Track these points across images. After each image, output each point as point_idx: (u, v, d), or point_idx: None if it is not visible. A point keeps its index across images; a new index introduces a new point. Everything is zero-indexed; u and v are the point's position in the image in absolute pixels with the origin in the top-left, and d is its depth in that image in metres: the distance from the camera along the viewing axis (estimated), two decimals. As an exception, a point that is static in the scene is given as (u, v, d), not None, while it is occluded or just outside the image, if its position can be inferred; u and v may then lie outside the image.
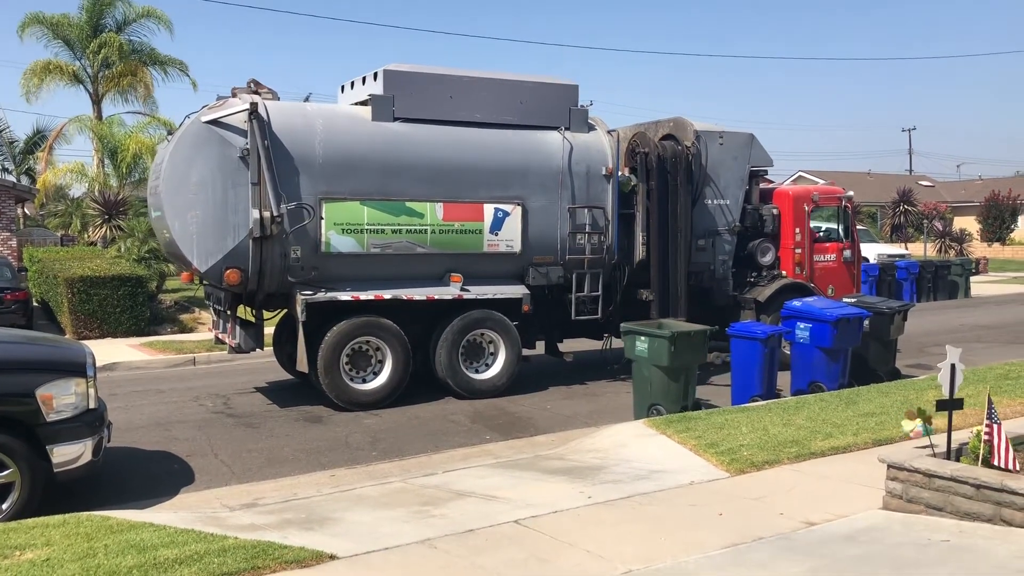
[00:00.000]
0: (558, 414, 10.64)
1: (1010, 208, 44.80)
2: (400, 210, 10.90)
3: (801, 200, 14.35)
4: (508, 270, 11.81)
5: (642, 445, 8.27)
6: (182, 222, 10.12)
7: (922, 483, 5.84)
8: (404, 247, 10.96)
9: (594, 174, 12.14)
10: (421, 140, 11.15)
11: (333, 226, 10.54)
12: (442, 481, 7.38)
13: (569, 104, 12.23)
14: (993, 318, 20.54)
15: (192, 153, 10.12)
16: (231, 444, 9.27)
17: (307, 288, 10.54)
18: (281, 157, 10.26)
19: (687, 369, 9.88)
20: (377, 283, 10.94)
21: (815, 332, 10.90)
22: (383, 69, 11.18)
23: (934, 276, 26.18)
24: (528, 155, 11.79)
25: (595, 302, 12.35)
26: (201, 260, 10.20)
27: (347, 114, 11.19)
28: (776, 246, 14.12)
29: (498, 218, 11.47)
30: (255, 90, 10.76)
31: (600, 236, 12.22)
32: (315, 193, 10.45)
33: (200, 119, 10.21)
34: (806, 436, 8.16)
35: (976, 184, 56.37)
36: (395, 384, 11.00)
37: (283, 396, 11.76)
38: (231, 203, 10.14)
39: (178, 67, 29.04)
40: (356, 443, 9.30)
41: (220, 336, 11.90)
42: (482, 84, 11.72)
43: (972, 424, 7.36)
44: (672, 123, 13.59)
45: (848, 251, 14.83)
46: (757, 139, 13.83)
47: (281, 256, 10.41)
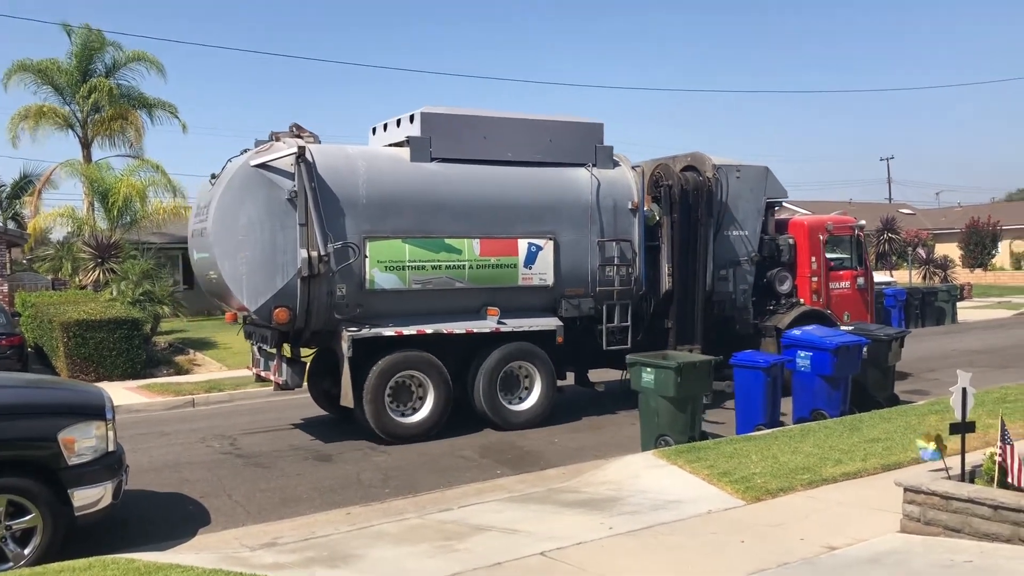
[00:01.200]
0: (566, 447, 10.71)
1: (991, 234, 45.43)
2: (439, 247, 11.26)
3: (816, 230, 14.72)
4: (541, 302, 12.16)
5: (655, 476, 8.35)
6: (232, 263, 10.39)
7: (940, 506, 5.95)
8: (444, 282, 11.30)
9: (621, 208, 12.56)
10: (457, 179, 11.58)
11: (377, 264, 10.87)
12: (459, 516, 7.42)
13: (595, 142, 12.71)
14: (982, 343, 20.80)
15: (241, 196, 10.42)
16: (243, 484, 9.28)
17: (352, 324, 10.79)
18: (327, 198, 10.61)
19: (693, 399, 9.98)
20: (418, 318, 11.24)
21: (816, 360, 11.06)
22: (420, 112, 11.61)
23: (921, 303, 26.48)
24: (558, 191, 12.22)
25: (624, 332, 12.62)
26: (251, 300, 10.47)
27: (387, 155, 11.55)
28: (793, 275, 14.48)
29: (532, 252, 11.82)
30: (297, 134, 11.08)
31: (628, 268, 12.59)
32: (359, 232, 10.79)
33: (249, 163, 10.49)
34: (816, 463, 8.27)
35: (956, 211, 57.15)
36: (438, 417, 11.24)
37: (289, 436, 11.78)
38: (279, 244, 10.44)
39: (168, 110, 29.24)
40: (368, 480, 9.33)
41: (262, 374, 12.13)
42: (513, 124, 12.21)
43: (976, 447, 7.51)
44: (690, 157, 13.95)
45: (862, 278, 15.22)
46: (772, 172, 14.29)
47: (328, 294, 10.69)
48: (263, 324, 11.07)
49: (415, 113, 11.68)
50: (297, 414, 13.38)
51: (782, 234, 14.72)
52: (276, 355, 11.37)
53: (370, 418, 10.89)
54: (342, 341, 10.72)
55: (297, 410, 13.80)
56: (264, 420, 13.01)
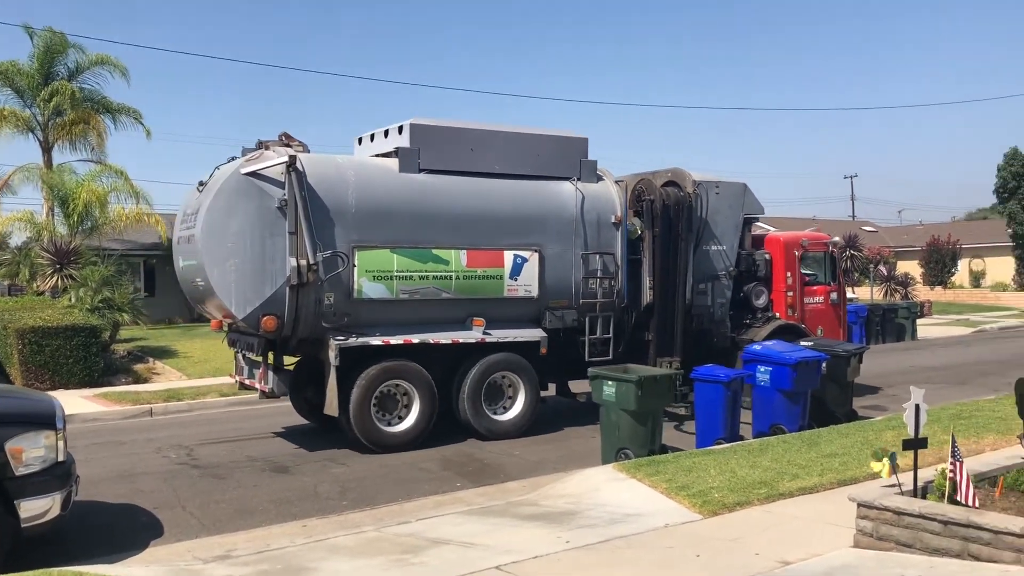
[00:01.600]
0: (526, 460, 10.68)
1: (950, 252, 46.19)
2: (427, 257, 11.32)
3: (792, 246, 14.99)
4: (526, 314, 12.26)
5: (614, 489, 8.34)
6: (221, 270, 10.36)
7: (892, 521, 6.01)
8: (431, 293, 11.37)
9: (604, 222, 12.73)
10: (445, 190, 11.65)
11: (365, 273, 10.90)
12: (417, 529, 7.37)
13: (580, 156, 12.90)
14: (941, 360, 21.10)
15: (232, 203, 10.40)
16: (198, 495, 9.13)
17: (339, 333, 10.79)
18: (317, 207, 10.64)
19: (654, 413, 10.01)
20: (405, 328, 11.29)
21: (775, 375, 11.14)
22: (409, 123, 11.68)
23: (882, 319, 26.82)
24: (544, 204, 12.35)
25: (606, 344, 12.77)
26: (239, 308, 10.43)
27: (375, 166, 11.59)
28: (769, 289, 14.71)
29: (517, 264, 11.93)
30: (287, 143, 11.09)
31: (611, 281, 12.75)
32: (348, 242, 10.83)
33: (239, 171, 10.48)
34: (773, 477, 8.31)
35: (918, 229, 58.02)
36: (423, 426, 11.26)
37: (247, 446, 11.63)
38: (269, 252, 10.44)
39: (132, 115, 28.89)
40: (325, 493, 9.23)
41: (247, 382, 12.08)
42: (501, 137, 12.33)
43: (930, 463, 7.60)
44: (671, 173, 14.10)
45: (835, 294, 15.52)
46: (749, 188, 14.53)
47: (316, 302, 10.70)
48: (249, 332, 11.05)
49: (404, 124, 11.74)
50: (257, 425, 13.25)
51: (759, 249, 14.95)
52: (262, 363, 11.33)
53: (355, 427, 10.88)
54: (329, 350, 10.72)
55: (257, 420, 13.67)
56: (223, 430, 12.84)
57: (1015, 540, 5.37)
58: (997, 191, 41.63)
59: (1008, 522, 5.48)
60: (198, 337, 24.22)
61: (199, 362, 19.77)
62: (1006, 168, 40.59)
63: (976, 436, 9.91)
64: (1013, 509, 6.05)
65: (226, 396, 15.54)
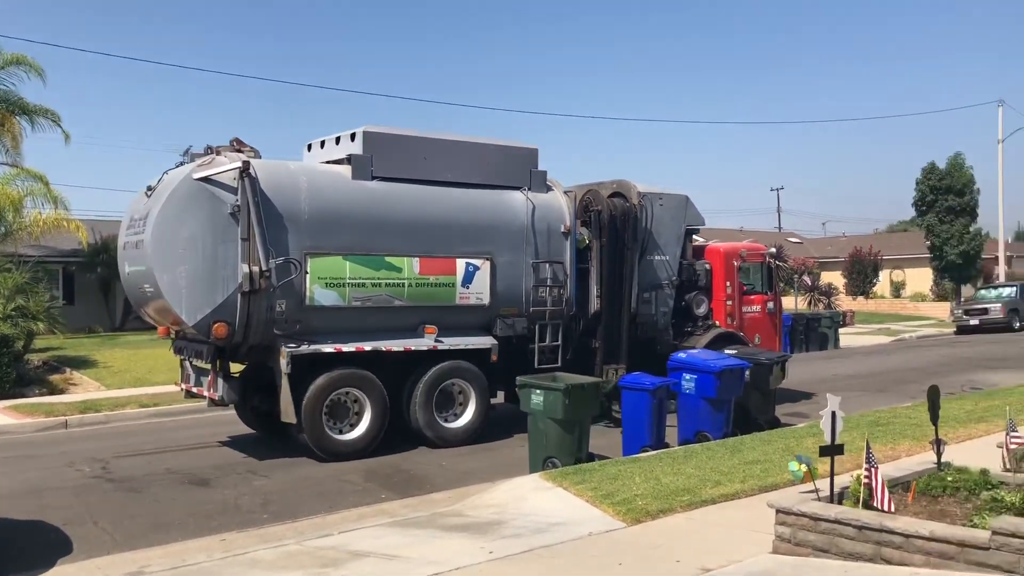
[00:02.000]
0: (454, 470, 10.59)
1: (872, 263, 47.52)
2: (380, 264, 11.29)
3: (731, 256, 15.37)
4: (477, 321, 12.32)
5: (540, 498, 8.32)
6: (171, 276, 10.21)
7: (809, 526, 6.09)
8: (383, 300, 11.32)
9: (554, 231, 12.92)
10: (398, 198, 11.66)
11: (317, 280, 10.83)
12: (339, 542, 7.22)
13: (530, 166, 13.08)
14: (862, 368, 21.65)
15: (183, 209, 10.27)
16: (111, 510, 8.82)
17: (291, 341, 10.71)
18: (270, 214, 10.54)
19: (581, 421, 10.04)
20: (357, 335, 11.24)
21: (700, 383, 11.27)
22: (362, 130, 11.65)
23: (806, 328, 27.38)
24: (496, 213, 12.48)
25: (555, 352, 12.92)
26: (190, 314, 10.27)
27: (328, 173, 11.54)
28: (709, 298, 15.02)
29: (469, 272, 11.98)
30: (238, 148, 10.96)
31: (560, 289, 12.90)
32: (301, 248, 10.75)
33: (192, 176, 10.33)
34: (697, 484, 8.38)
35: (841, 241, 59.67)
36: (374, 434, 11.21)
37: (166, 459, 11.30)
38: (220, 258, 10.31)
39: (50, 117, 27.86)
40: (246, 506, 9.01)
41: (195, 390, 11.86)
42: (453, 146, 12.44)
43: (849, 469, 7.74)
44: (616, 184, 14.34)
45: (772, 303, 15.96)
46: (691, 200, 14.87)
47: (267, 309, 10.59)
48: (198, 339, 10.88)
49: (357, 131, 11.71)
50: (178, 436, 12.91)
51: (699, 260, 15.28)
52: (211, 371, 11.12)
53: (307, 435, 10.79)
54: (281, 357, 10.60)
55: (179, 432, 13.33)
56: (141, 443, 12.46)
57: (924, 543, 5.49)
58: (916, 204, 43.01)
59: (918, 526, 5.60)
60: (119, 346, 23.55)
61: (119, 372, 19.19)
62: (924, 182, 41.97)
63: (893, 442, 10.16)
64: (924, 513, 6.18)
65: (146, 407, 15.13)
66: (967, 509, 6.25)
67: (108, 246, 29.82)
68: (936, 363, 22.42)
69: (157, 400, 15.53)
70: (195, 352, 11.35)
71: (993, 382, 17.79)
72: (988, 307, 33.05)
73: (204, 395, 11.49)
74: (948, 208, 40.97)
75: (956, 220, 40.94)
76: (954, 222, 40.92)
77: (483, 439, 12.21)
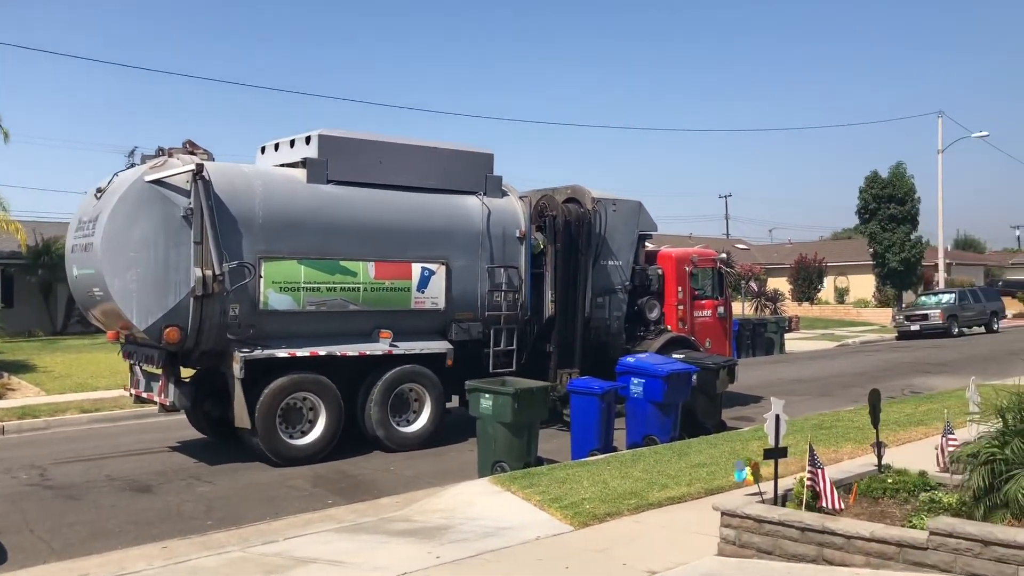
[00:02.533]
0: (401, 475, 10.53)
1: (817, 270, 48.38)
2: (335, 269, 11.22)
3: (682, 262, 15.52)
4: (433, 326, 12.31)
5: (488, 503, 8.31)
6: (121, 281, 10.03)
7: (753, 528, 6.17)
8: (338, 304, 11.27)
9: (509, 236, 12.99)
10: (353, 202, 11.60)
11: (271, 284, 10.74)
12: (284, 548, 7.13)
13: (485, 171, 13.10)
14: (806, 372, 22.03)
15: (135, 211, 10.10)
16: (49, 518, 8.60)
17: (244, 346, 10.58)
18: (223, 217, 10.40)
19: (530, 426, 10.04)
20: (311, 340, 11.16)
21: (648, 387, 11.36)
22: (317, 134, 11.56)
23: (752, 333, 27.71)
24: (451, 218, 12.47)
25: (509, 356, 13.00)
26: (141, 318, 10.10)
27: (283, 176, 11.42)
28: (661, 303, 15.15)
29: (425, 277, 11.97)
30: (191, 150, 10.81)
31: (515, 294, 12.98)
32: (255, 252, 10.63)
33: (143, 178, 10.14)
34: (644, 488, 8.44)
35: (787, 248, 60.63)
36: (329, 438, 11.13)
37: (107, 465, 11.06)
38: (172, 262, 10.18)
39: (-11, 116, 27.21)
40: (189, 512, 8.85)
41: (145, 395, 11.65)
42: (408, 151, 12.39)
43: (793, 472, 7.85)
44: (570, 190, 14.43)
45: (722, 308, 16.17)
46: (644, 206, 15.00)
47: (220, 314, 10.46)
48: (148, 344, 10.68)
49: (312, 134, 11.63)
50: (120, 442, 12.63)
51: (651, 265, 15.40)
52: (162, 376, 10.91)
53: (261, 440, 10.66)
54: (234, 363, 10.48)
55: (120, 438, 13.05)
56: (81, 449, 12.18)
57: (865, 544, 5.60)
58: (859, 212, 43.84)
59: (859, 527, 5.71)
60: (60, 351, 23.03)
61: (59, 377, 18.74)
62: (867, 191, 42.82)
63: (835, 445, 10.33)
64: (865, 515, 6.31)
65: (88, 412, 14.79)
66: (906, 510, 6.40)
67: (49, 248, 29.23)
68: (878, 368, 22.89)
69: (99, 405, 15.18)
70: (145, 357, 11.16)
71: (932, 386, 18.22)
72: (928, 313, 33.83)
73: (154, 400, 11.29)
74: (890, 216, 41.85)
75: (898, 228, 41.84)
76: (896, 230, 41.82)
77: (435, 443, 12.16)
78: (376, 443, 11.69)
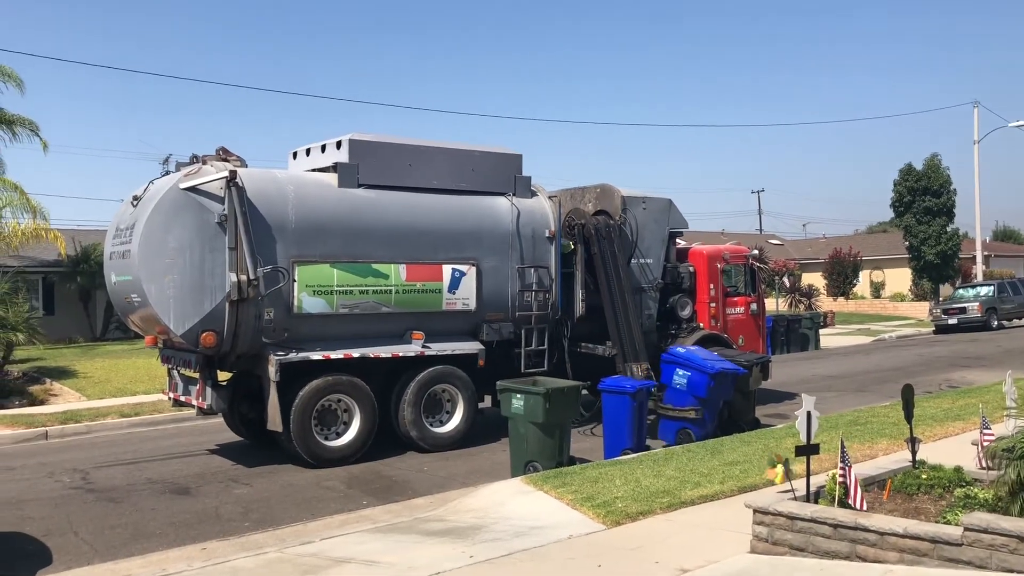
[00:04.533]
0: (435, 475, 10.61)
1: (852, 264, 47.83)
2: (367, 272, 11.35)
3: (714, 259, 15.40)
4: (464, 327, 12.41)
5: (520, 502, 8.36)
6: (159, 286, 10.21)
7: (785, 526, 6.16)
8: (370, 307, 11.39)
9: (539, 236, 13.05)
10: (385, 205, 11.74)
11: (305, 288, 10.88)
12: (320, 549, 7.23)
13: (514, 172, 13.16)
14: (841, 368, 21.83)
15: (171, 218, 10.29)
16: (92, 521, 8.78)
17: (279, 349, 10.72)
18: (257, 222, 10.59)
19: (562, 425, 10.08)
20: (344, 342, 11.26)
21: (693, 381, 11.38)
22: (348, 138, 11.71)
23: (787, 330, 27.40)
24: (481, 219, 12.57)
25: (541, 356, 13.04)
26: (178, 323, 10.29)
27: (314, 181, 11.57)
28: (693, 300, 15.07)
29: (455, 278, 12.06)
30: (224, 157, 10.99)
31: (545, 294, 13.03)
32: (288, 256, 10.81)
33: (178, 186, 10.36)
34: (676, 486, 8.45)
35: (821, 242, 60.00)
36: (363, 439, 11.26)
37: (146, 468, 11.26)
38: (208, 267, 10.35)
39: (28, 127, 27.71)
40: (227, 514, 8.99)
41: (183, 399, 11.86)
42: (438, 153, 12.48)
43: (828, 468, 7.82)
44: (600, 189, 14.38)
45: (755, 305, 16.03)
46: (675, 204, 14.91)
47: (255, 318, 10.62)
48: (186, 348, 10.88)
49: (343, 139, 11.77)
50: (159, 446, 12.85)
51: (683, 262, 15.32)
52: (200, 379, 11.12)
53: (296, 442, 10.79)
54: (269, 365, 10.61)
55: (159, 441, 13.27)
56: (122, 452, 12.40)
57: (898, 540, 5.57)
58: (894, 205, 43.30)
59: (892, 523, 5.68)
60: (99, 356, 23.43)
61: (100, 382, 19.07)
62: (901, 183, 42.28)
63: (870, 441, 10.26)
64: (899, 511, 6.28)
65: (127, 417, 15.05)
66: (941, 506, 6.35)
67: (88, 256, 29.74)
68: (914, 362, 22.63)
69: (139, 410, 15.45)
70: (183, 361, 11.36)
71: (969, 380, 17.99)
72: (966, 306, 33.32)
73: (192, 404, 11.48)
74: (925, 209, 41.30)
75: (933, 220, 41.28)
76: (932, 222, 41.26)
77: (468, 443, 12.23)
78: (410, 443, 11.78)
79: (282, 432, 10.79)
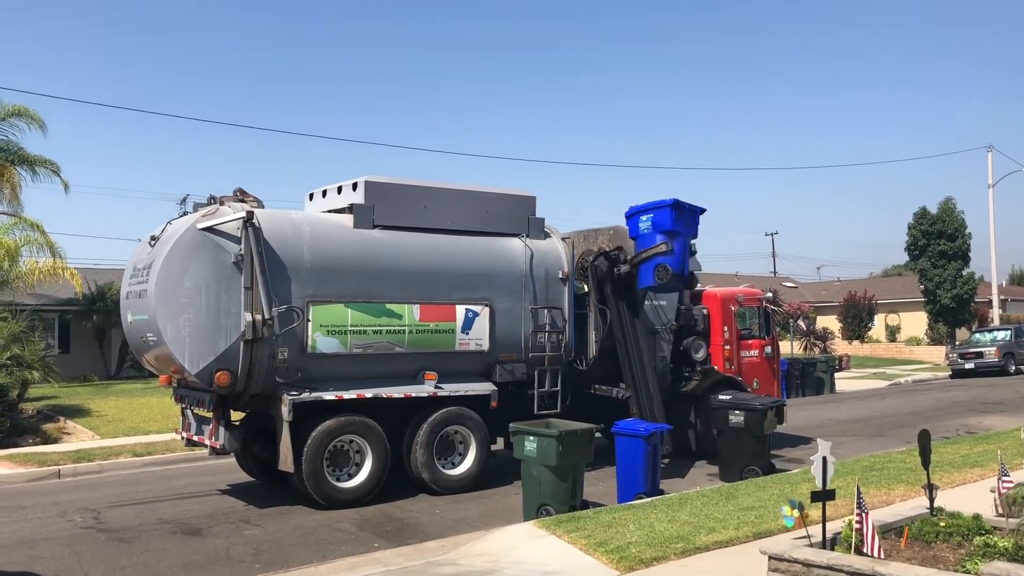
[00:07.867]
0: (446, 518, 10.53)
1: (867, 308, 47.66)
2: (381, 312, 11.40)
3: (728, 301, 15.41)
4: (477, 367, 12.41)
5: (533, 547, 8.28)
6: (174, 326, 10.26)
7: (801, 573, 6.07)
8: (384, 347, 11.42)
9: (552, 278, 13.11)
10: (399, 246, 11.85)
11: (319, 328, 10.92)
12: (331, 591, 7.18)
13: (528, 213, 13.30)
14: (857, 412, 21.62)
15: (187, 258, 10.38)
16: (103, 561, 8.75)
17: (292, 388, 10.73)
18: (273, 262, 10.69)
19: (575, 468, 10.01)
20: (357, 382, 11.28)
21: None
22: (364, 180, 11.88)
23: (802, 373, 27.40)
24: (494, 260, 12.67)
25: (554, 397, 13.00)
26: (192, 363, 10.32)
27: (330, 222, 11.70)
28: (707, 343, 15.02)
29: (469, 318, 12.10)
30: (242, 198, 11.12)
31: (559, 335, 13.03)
32: (303, 296, 10.88)
33: (196, 226, 10.46)
34: (691, 531, 8.35)
35: (835, 285, 59.86)
36: (375, 481, 11.21)
37: (159, 508, 11.23)
38: (223, 307, 10.42)
39: (49, 167, 28.12)
40: (238, 555, 8.94)
41: (195, 438, 11.84)
42: (452, 195, 12.64)
43: (843, 514, 7.73)
44: (612, 231, 14.32)
45: (769, 347, 15.93)
46: None
47: (270, 357, 10.66)
48: (199, 387, 10.92)
49: (358, 181, 11.93)
50: (171, 485, 12.82)
51: (696, 304, 15.30)
52: (213, 419, 11.15)
53: (308, 483, 10.75)
54: (283, 405, 10.61)
55: (172, 481, 13.24)
56: (134, 492, 12.38)
57: (917, 589, 5.48)
58: (908, 249, 43.23)
59: (911, 572, 5.59)
60: (113, 395, 23.50)
61: (113, 421, 19.12)
62: (916, 227, 42.24)
63: (887, 487, 10.13)
64: (916, 559, 6.19)
65: (140, 456, 15.05)
66: (960, 555, 6.25)
67: (104, 294, 29.99)
68: (931, 407, 22.40)
69: (151, 449, 15.45)
70: (196, 400, 11.40)
71: (988, 426, 17.78)
72: (983, 351, 33.06)
73: (205, 443, 11.48)
74: (940, 252, 41.21)
75: (949, 264, 41.16)
76: (947, 266, 41.13)
77: (480, 486, 12.15)
78: (421, 485, 11.72)
79: (294, 473, 10.77)
